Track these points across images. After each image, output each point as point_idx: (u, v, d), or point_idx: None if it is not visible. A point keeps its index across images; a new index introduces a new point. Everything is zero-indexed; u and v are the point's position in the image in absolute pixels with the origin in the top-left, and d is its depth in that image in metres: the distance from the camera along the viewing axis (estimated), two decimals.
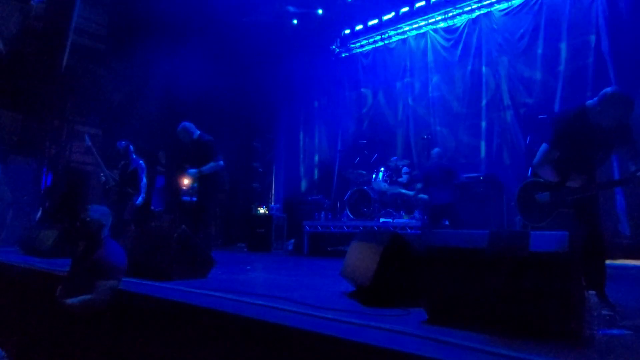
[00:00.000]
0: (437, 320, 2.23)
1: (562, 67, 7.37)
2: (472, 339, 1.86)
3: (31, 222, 7.73)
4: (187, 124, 5.45)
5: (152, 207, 11.24)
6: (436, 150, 6.97)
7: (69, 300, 3.03)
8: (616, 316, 2.24)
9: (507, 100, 7.97)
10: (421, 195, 7.00)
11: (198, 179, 5.34)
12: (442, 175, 6.51)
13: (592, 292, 2.15)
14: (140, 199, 6.26)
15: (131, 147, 6.42)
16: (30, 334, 3.83)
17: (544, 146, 2.99)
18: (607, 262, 2.79)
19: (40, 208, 8.24)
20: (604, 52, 6.84)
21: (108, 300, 3.08)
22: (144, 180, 6.31)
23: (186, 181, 11.63)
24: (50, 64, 9.33)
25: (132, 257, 3.71)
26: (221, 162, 5.32)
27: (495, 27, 8.31)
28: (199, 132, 5.46)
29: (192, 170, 5.19)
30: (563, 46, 7.41)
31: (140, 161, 6.39)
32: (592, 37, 7.05)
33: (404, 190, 7.56)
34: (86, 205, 3.52)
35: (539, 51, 7.67)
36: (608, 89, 2.81)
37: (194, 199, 10.50)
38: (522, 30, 7.92)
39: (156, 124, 10.75)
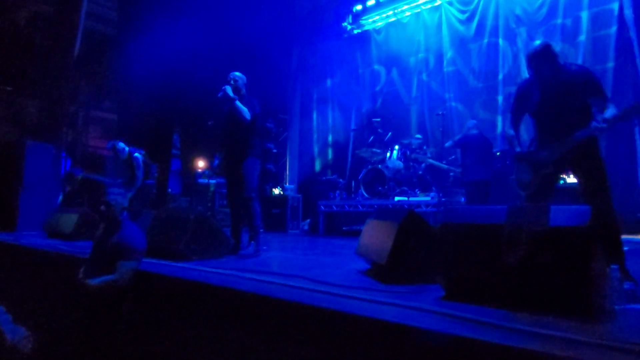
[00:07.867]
0: (454, 297, 2.21)
1: (582, 37, 7.11)
2: (490, 315, 1.85)
3: (53, 206, 7.91)
4: None
5: (169, 190, 11.40)
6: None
7: (91, 281, 3.11)
8: (638, 291, 2.20)
9: (525, 74, 7.74)
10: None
11: None
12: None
13: (614, 266, 2.10)
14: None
15: (118, 145, 6.50)
16: (54, 315, 3.95)
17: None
18: (631, 237, 2.73)
19: (61, 192, 8.42)
20: (627, 21, 6.57)
21: (129, 280, 3.14)
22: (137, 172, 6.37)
23: (201, 164, 11.74)
24: (63, 49, 9.38)
25: (150, 238, 3.78)
26: None
27: None
28: None
29: None
30: (584, 15, 7.14)
31: (135, 153, 6.46)
32: (615, 5, 6.77)
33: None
34: (106, 189, 3.57)
35: (559, 21, 7.40)
36: None
37: (211, 180, 10.68)
38: (541, 0, 7.64)
39: (170, 107, 10.79)
